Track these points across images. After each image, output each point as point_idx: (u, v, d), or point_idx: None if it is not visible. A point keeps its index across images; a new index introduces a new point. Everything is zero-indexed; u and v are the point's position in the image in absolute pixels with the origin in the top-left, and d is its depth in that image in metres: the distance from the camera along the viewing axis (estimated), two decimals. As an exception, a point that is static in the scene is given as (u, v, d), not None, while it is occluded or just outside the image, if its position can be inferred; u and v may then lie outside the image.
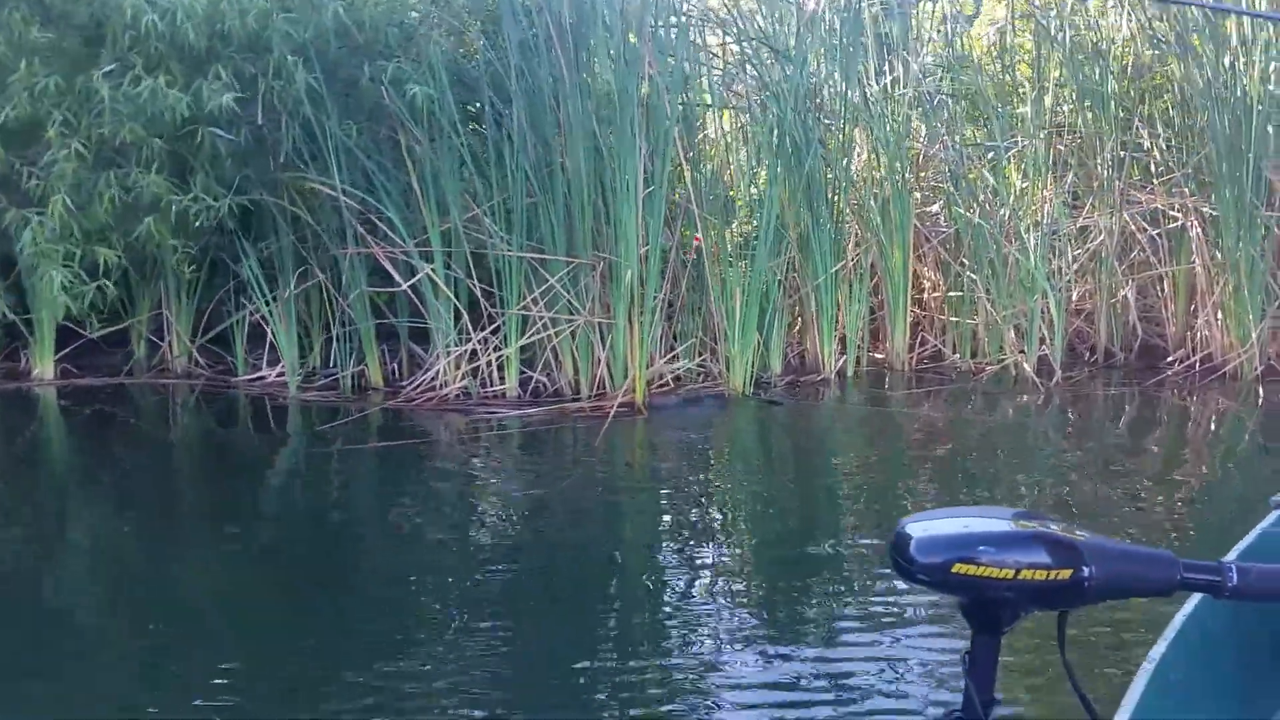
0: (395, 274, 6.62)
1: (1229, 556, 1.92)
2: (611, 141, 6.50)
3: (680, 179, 7.03)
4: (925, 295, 7.88)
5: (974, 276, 7.45)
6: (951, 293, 7.63)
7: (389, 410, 6.43)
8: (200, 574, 4.14)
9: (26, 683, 3.19)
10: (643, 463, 5.80)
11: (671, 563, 4.32)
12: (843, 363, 7.32)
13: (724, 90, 7.82)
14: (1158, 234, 7.60)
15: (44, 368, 6.90)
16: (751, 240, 7.03)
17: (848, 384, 7.20)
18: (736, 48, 7.81)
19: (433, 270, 6.58)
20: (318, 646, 3.45)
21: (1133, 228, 7.65)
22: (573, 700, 3.13)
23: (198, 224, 6.33)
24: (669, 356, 6.93)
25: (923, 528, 1.16)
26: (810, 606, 3.82)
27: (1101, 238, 7.59)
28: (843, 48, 7.51)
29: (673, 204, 7.06)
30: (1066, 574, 1.12)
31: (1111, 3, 7.86)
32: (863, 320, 7.41)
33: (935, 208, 8.03)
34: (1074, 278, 7.69)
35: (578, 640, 3.49)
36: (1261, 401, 6.80)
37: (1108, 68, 7.68)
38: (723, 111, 7.84)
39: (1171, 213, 7.59)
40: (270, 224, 6.91)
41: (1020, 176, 7.69)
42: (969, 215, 7.47)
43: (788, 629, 3.60)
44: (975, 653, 1.19)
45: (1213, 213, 7.39)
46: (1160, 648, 1.65)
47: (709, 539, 4.59)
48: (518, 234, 6.55)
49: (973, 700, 1.18)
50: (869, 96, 7.63)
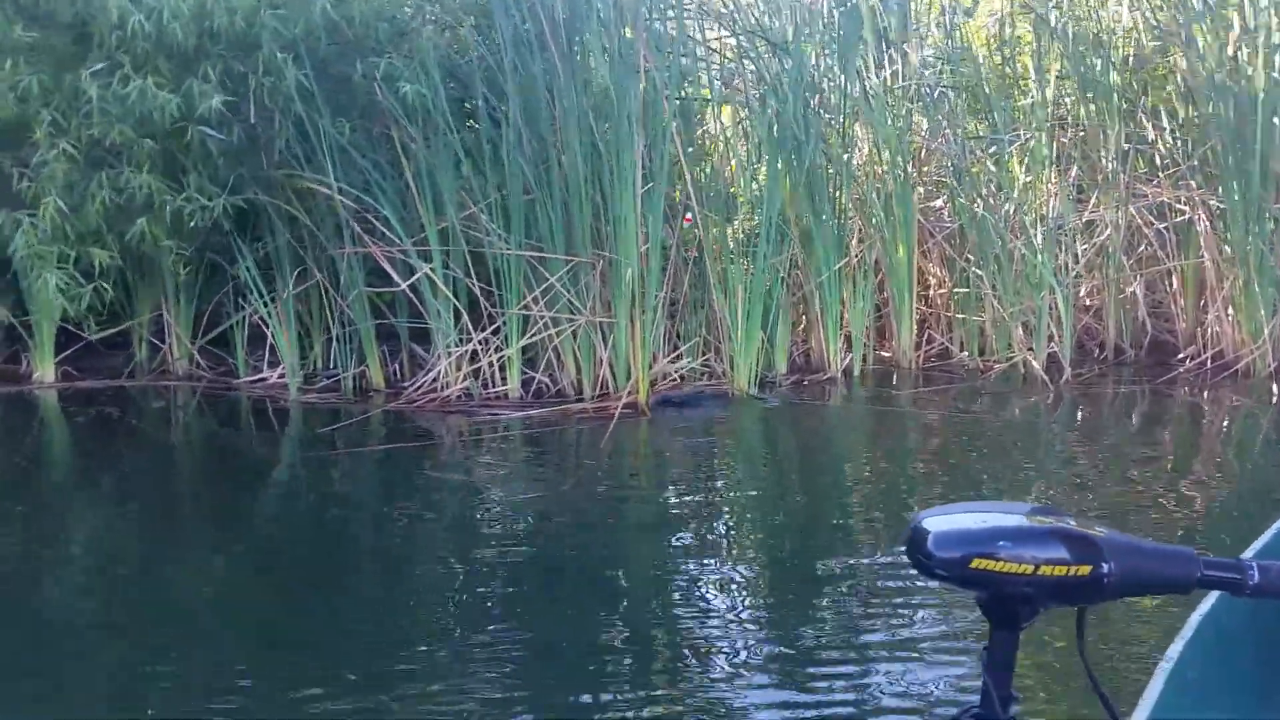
0: (394, 274, 6.54)
1: (1246, 554, 1.92)
2: (609, 137, 6.42)
3: (680, 176, 6.94)
4: (931, 292, 7.79)
5: (980, 272, 7.36)
6: (958, 289, 7.54)
7: (390, 412, 6.37)
8: (201, 576, 4.14)
9: (27, 682, 3.20)
10: (647, 464, 5.73)
11: (677, 565, 4.26)
12: (849, 361, 7.23)
13: (722, 85, 7.73)
14: (1165, 228, 7.52)
15: (44, 370, 6.85)
16: (753, 237, 6.95)
17: (854, 383, 7.11)
18: (734, 41, 7.71)
19: (431, 270, 6.50)
20: (318, 648, 3.45)
21: (1139, 222, 7.57)
22: (579, 702, 3.11)
23: (192, 224, 6.26)
24: (673, 356, 6.84)
25: (940, 522, 1.14)
26: (821, 608, 3.77)
27: (1108, 232, 7.50)
28: (841, 40, 7.41)
29: (673, 201, 6.97)
30: (1086, 570, 1.11)
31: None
32: (868, 318, 7.32)
33: (939, 202, 7.95)
34: (1083, 272, 7.60)
35: (582, 642, 3.47)
36: (1276, 399, 6.73)
37: (1109, 59, 7.59)
38: (722, 106, 7.75)
39: (1179, 206, 7.50)
40: (267, 224, 6.83)
41: (1024, 170, 7.61)
42: (974, 209, 7.37)
43: (799, 629, 3.57)
44: (993, 649, 1.18)
45: (1220, 206, 7.31)
46: (1178, 646, 1.65)
47: (714, 541, 4.53)
48: (516, 232, 6.47)
49: (991, 696, 1.17)
50: (869, 90, 7.54)
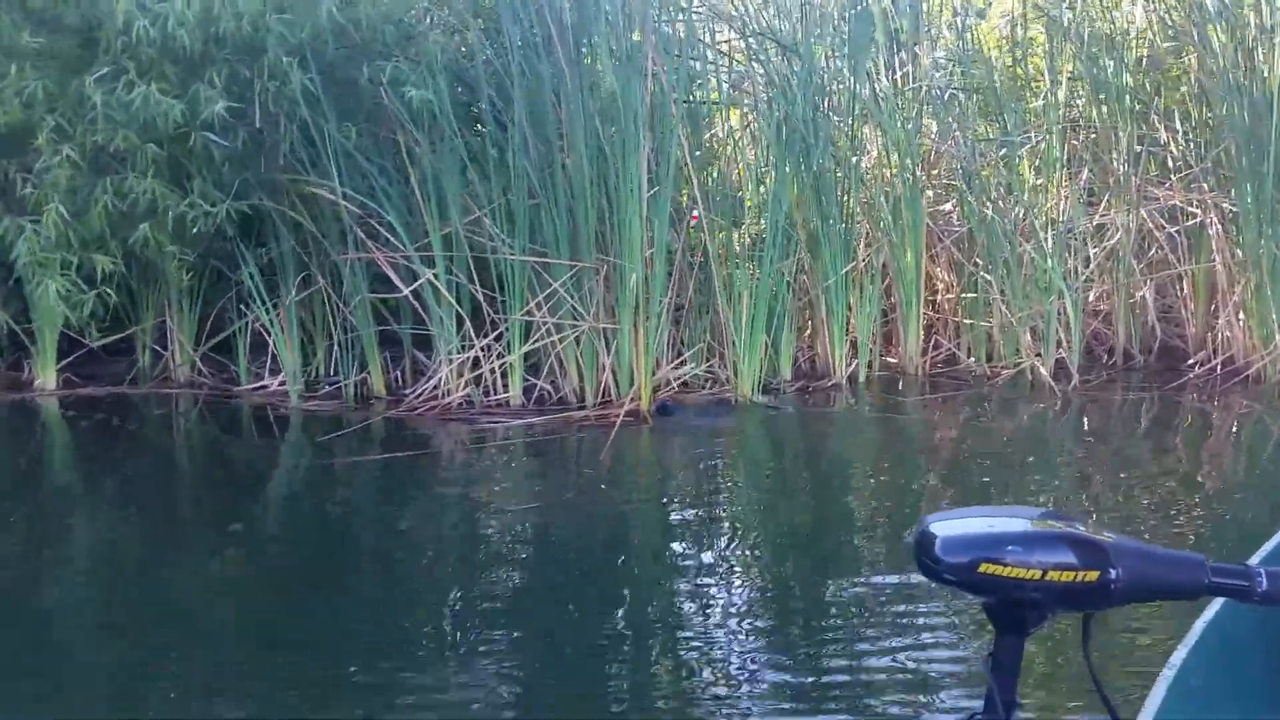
0: (397, 279, 6.51)
1: (1254, 560, 1.92)
2: (614, 140, 6.37)
3: (687, 180, 6.89)
4: (939, 297, 7.72)
5: (988, 277, 7.28)
6: (965, 294, 7.47)
7: (391, 420, 6.33)
8: (201, 579, 4.15)
9: (27, 682, 3.23)
10: (649, 472, 5.67)
11: (680, 574, 4.23)
12: (854, 367, 7.16)
13: (730, 88, 7.67)
14: (1176, 231, 7.44)
15: (46, 378, 6.82)
16: (759, 241, 6.89)
17: (859, 389, 7.04)
18: (742, 43, 7.66)
19: (434, 275, 6.46)
20: (318, 653, 3.45)
21: (1150, 225, 7.48)
22: (580, 705, 3.11)
23: (195, 230, 6.24)
24: (677, 362, 6.79)
25: (947, 527, 1.14)
26: (825, 613, 3.77)
27: (1119, 235, 7.42)
28: (850, 42, 7.35)
29: (679, 205, 6.92)
30: (1093, 575, 1.11)
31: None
32: (874, 323, 7.25)
33: (948, 206, 7.88)
34: (1094, 275, 7.52)
35: (585, 651, 3.46)
36: (1287, 406, 6.65)
37: (1121, 60, 7.51)
38: (730, 110, 7.69)
39: (1190, 209, 7.42)
40: (271, 229, 6.81)
41: (1034, 173, 7.52)
42: (984, 211, 7.30)
43: (803, 635, 3.57)
44: (999, 654, 1.18)
45: (1233, 209, 7.23)
46: (1181, 653, 1.64)
47: (719, 550, 4.49)
48: (520, 237, 6.43)
49: (995, 702, 1.17)
50: (878, 92, 7.47)
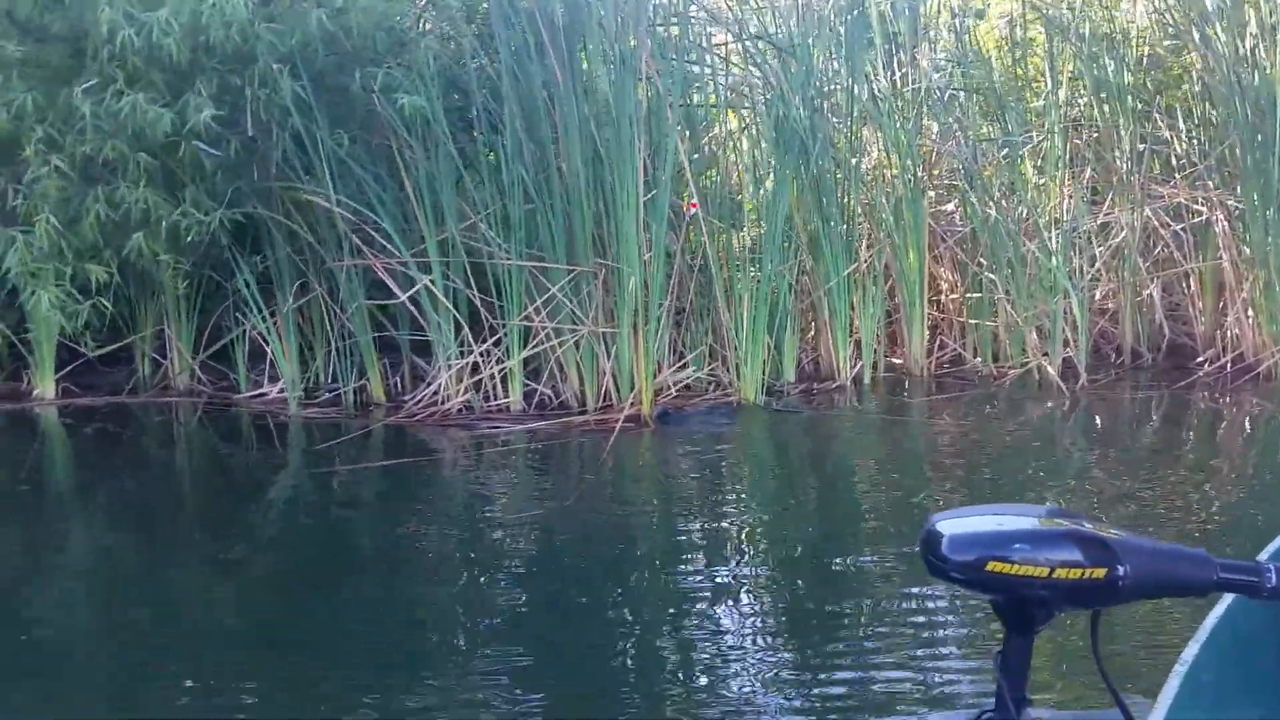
0: (394, 286, 6.45)
1: (1262, 556, 1.89)
2: (610, 145, 6.31)
3: (685, 185, 6.83)
4: (943, 297, 7.65)
5: (993, 277, 7.21)
6: (970, 294, 7.39)
7: (391, 427, 6.28)
8: (200, 581, 4.17)
9: (27, 683, 3.25)
10: (651, 477, 5.61)
11: (684, 580, 4.17)
12: (859, 369, 7.08)
13: (728, 90, 7.62)
14: (1182, 229, 7.37)
15: (45, 387, 6.79)
16: (759, 243, 6.82)
17: (864, 391, 6.97)
18: (740, 47, 7.60)
19: (431, 281, 6.40)
20: (318, 654, 3.45)
21: (1155, 223, 7.42)
22: (581, 708, 3.11)
23: (189, 239, 6.19)
24: (678, 365, 6.72)
25: (954, 525, 1.13)
26: (831, 614, 3.72)
27: (1124, 234, 7.35)
28: (848, 43, 7.29)
29: (678, 208, 6.85)
30: (1101, 573, 1.11)
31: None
32: (878, 324, 7.17)
33: (950, 206, 7.81)
34: (1099, 274, 7.45)
35: (586, 657, 3.44)
36: (1297, 403, 6.57)
37: (1122, 59, 7.44)
38: (728, 112, 7.64)
39: (1195, 207, 7.35)
40: (266, 237, 6.77)
41: (1036, 173, 7.46)
42: (987, 211, 7.23)
43: (808, 635, 3.54)
44: (1008, 652, 1.17)
45: (1238, 206, 7.16)
46: (1193, 649, 1.61)
47: (722, 555, 4.44)
48: (516, 242, 6.37)
49: (1005, 699, 1.17)
50: (877, 93, 7.41)
